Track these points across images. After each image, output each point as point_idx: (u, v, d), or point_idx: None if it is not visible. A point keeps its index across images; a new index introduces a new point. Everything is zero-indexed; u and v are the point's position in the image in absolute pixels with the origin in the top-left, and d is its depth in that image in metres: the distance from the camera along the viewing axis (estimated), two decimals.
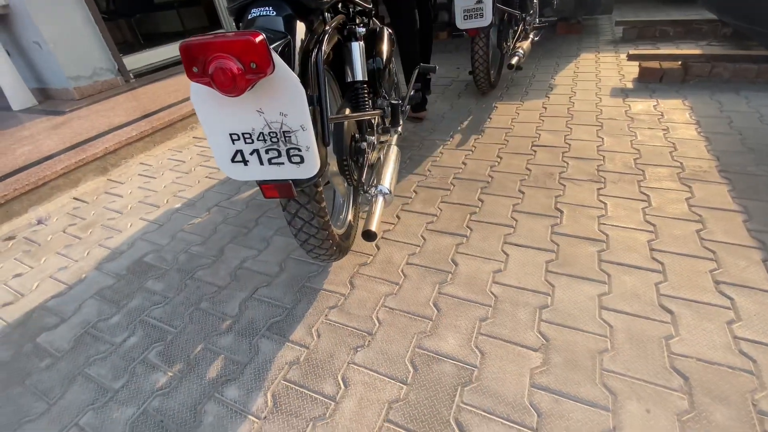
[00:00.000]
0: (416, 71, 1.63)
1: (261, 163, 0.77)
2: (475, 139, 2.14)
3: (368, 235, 1.02)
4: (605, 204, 1.51)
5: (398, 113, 1.31)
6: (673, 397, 0.88)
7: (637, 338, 1.01)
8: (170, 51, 4.15)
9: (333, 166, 1.18)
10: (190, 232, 1.69)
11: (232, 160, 0.77)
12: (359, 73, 1.09)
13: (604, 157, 1.82)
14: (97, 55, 3.43)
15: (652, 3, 4.39)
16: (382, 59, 1.24)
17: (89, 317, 1.32)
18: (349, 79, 1.10)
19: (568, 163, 1.80)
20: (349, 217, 1.36)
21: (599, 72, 2.85)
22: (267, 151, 0.75)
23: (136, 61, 3.88)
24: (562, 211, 1.50)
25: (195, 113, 2.76)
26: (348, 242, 1.29)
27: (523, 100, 2.56)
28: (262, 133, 0.74)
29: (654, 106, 2.25)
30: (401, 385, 0.98)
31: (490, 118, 2.37)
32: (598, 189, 1.60)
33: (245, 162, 0.77)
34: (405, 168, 1.94)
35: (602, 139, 1.97)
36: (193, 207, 1.87)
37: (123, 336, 1.23)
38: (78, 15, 3.22)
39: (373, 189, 1.18)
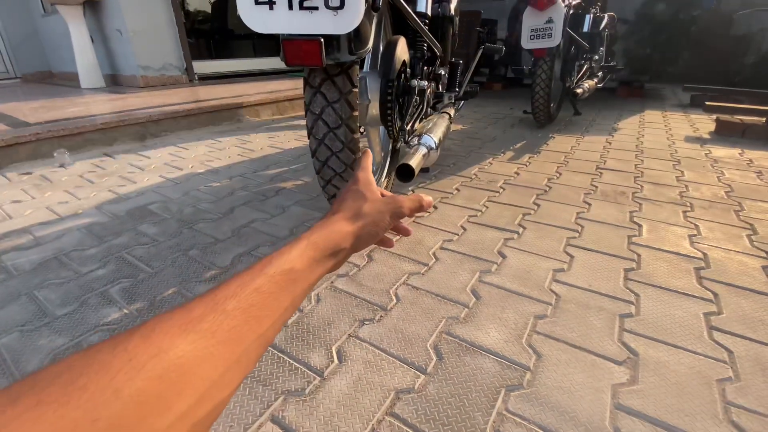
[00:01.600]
0: (480, 52, 1.49)
1: (290, 6, 0.60)
2: (529, 157, 1.93)
3: (404, 172, 0.80)
4: (696, 225, 1.21)
5: (456, 76, 1.14)
6: None
7: None
8: (237, 65, 4.40)
9: (373, 109, 1.01)
10: (204, 192, 1.53)
11: (256, 1, 0.61)
12: (423, 2, 0.95)
13: (687, 186, 1.54)
14: (169, 53, 3.66)
15: (723, 79, 4.23)
16: (449, 7, 1.11)
17: (66, 245, 1.14)
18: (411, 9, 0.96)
19: (642, 186, 1.53)
20: (382, 182, 1.15)
21: (668, 124, 2.63)
22: None
23: (205, 66, 4.13)
24: (640, 225, 1.22)
25: (244, 107, 2.78)
26: None
27: (584, 135, 2.36)
28: None
29: (739, 153, 1.97)
30: (417, 373, 0.69)
31: (547, 144, 2.17)
32: (685, 212, 1.31)
33: (271, 4, 0.61)
34: (447, 170, 1.74)
35: (681, 171, 1.70)
36: (216, 174, 1.74)
37: (91, 267, 1.03)
38: (163, 15, 3.50)
39: (416, 139, 0.98)
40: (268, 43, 6.13)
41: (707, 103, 2.49)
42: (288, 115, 3.09)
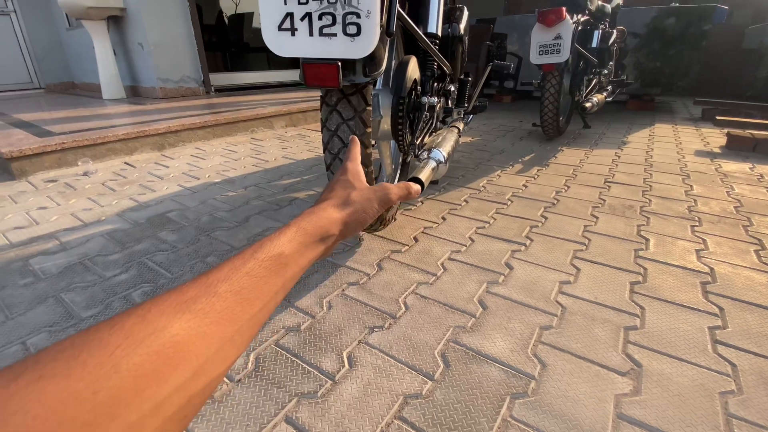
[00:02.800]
0: (489, 69, 1.54)
1: (311, 33, 0.65)
2: (538, 170, 1.95)
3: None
4: (704, 240, 1.22)
5: (465, 92, 1.17)
6: None
7: None
8: (252, 77, 4.52)
9: (385, 124, 1.05)
10: (221, 201, 1.59)
11: (279, 27, 0.66)
12: (434, 24, 1.00)
13: (695, 200, 1.55)
14: (188, 66, 3.79)
15: (735, 93, 4.20)
16: (458, 27, 1.15)
17: (90, 250, 1.19)
18: (422, 30, 1.01)
19: (650, 200, 1.55)
20: None
21: (678, 138, 2.63)
22: (320, 17, 0.63)
23: (221, 78, 4.25)
24: (647, 239, 1.23)
25: (258, 118, 2.85)
26: (388, 215, 1.10)
27: (593, 148, 2.37)
28: None
29: (750, 168, 1.97)
30: (425, 379, 0.72)
31: (556, 157, 2.19)
32: (693, 226, 1.32)
33: (293, 31, 0.66)
34: (456, 182, 1.78)
35: (691, 186, 1.71)
36: (232, 183, 1.80)
37: (115, 272, 1.08)
38: (182, 29, 3.64)
39: (425, 153, 1.02)
40: (282, 57, 6.25)
41: (718, 117, 2.49)
42: (300, 126, 3.16)
